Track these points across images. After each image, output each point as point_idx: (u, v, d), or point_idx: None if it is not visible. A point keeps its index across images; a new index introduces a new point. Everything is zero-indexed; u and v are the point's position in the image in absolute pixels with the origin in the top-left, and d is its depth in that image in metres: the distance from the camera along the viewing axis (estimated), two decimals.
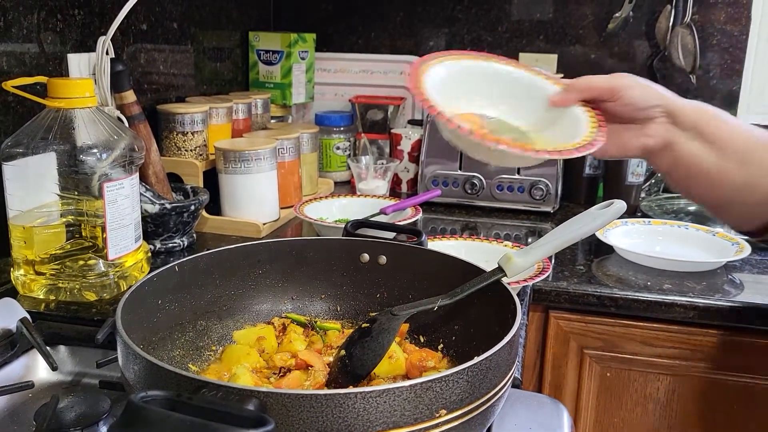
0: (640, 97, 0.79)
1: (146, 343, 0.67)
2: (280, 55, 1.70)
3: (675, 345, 1.14)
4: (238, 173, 1.27)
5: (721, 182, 0.79)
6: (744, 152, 0.79)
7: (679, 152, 0.80)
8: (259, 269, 0.80)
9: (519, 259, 0.70)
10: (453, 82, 0.80)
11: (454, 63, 0.82)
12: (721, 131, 0.79)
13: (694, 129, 0.79)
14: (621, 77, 0.81)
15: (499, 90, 0.84)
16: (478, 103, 0.83)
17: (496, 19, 1.78)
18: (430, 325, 0.77)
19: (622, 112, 0.80)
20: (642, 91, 0.80)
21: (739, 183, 0.79)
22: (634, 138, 0.81)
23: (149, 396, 0.44)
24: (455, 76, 0.81)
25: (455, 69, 0.82)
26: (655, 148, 0.81)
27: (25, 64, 1.04)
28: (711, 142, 0.79)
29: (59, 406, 0.68)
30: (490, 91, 0.84)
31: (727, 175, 0.79)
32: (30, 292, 0.94)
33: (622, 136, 0.80)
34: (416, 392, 0.50)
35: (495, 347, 0.55)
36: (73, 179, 0.91)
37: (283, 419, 0.48)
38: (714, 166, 0.79)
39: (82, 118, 0.92)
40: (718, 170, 0.79)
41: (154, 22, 1.35)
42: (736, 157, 0.79)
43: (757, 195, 0.79)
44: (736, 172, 0.79)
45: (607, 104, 0.81)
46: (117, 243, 0.95)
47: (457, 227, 1.45)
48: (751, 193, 0.79)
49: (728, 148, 0.79)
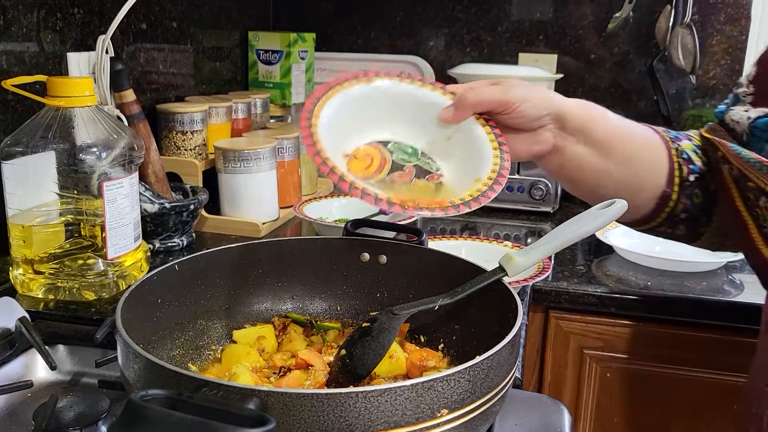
0: (532, 109, 0.78)
1: (146, 343, 0.66)
2: (280, 54, 1.69)
3: (675, 345, 1.14)
4: (237, 173, 1.27)
5: (607, 181, 0.82)
6: (628, 152, 0.82)
7: (566, 155, 0.81)
8: (260, 268, 0.79)
9: (520, 259, 0.70)
10: (348, 113, 0.75)
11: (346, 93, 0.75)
12: (606, 133, 0.81)
13: (580, 132, 0.80)
14: (512, 89, 0.78)
15: (396, 110, 0.78)
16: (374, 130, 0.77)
17: (496, 19, 1.78)
18: (431, 324, 0.76)
19: (515, 124, 0.79)
20: (534, 102, 0.78)
21: (624, 182, 0.82)
22: (525, 146, 0.81)
23: (149, 395, 0.43)
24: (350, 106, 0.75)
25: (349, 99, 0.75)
26: (544, 153, 0.82)
27: (25, 62, 1.04)
28: (596, 144, 0.80)
29: (58, 406, 0.67)
30: (386, 113, 0.78)
31: (612, 175, 0.82)
32: (29, 292, 0.94)
33: (512, 144, 0.79)
34: (418, 392, 0.49)
35: (497, 346, 0.54)
36: (72, 178, 0.91)
37: (284, 418, 0.47)
38: (600, 166, 0.81)
39: (81, 117, 0.91)
40: (604, 170, 0.81)
41: (153, 21, 1.35)
42: (620, 157, 0.81)
43: (641, 192, 0.83)
44: (621, 172, 0.82)
45: (499, 116, 0.79)
46: (116, 242, 0.95)
47: (456, 227, 1.45)
48: (635, 191, 0.82)
49: (613, 149, 0.81)
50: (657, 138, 0.84)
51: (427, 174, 0.74)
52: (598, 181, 0.82)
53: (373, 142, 0.76)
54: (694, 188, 0.83)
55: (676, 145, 0.84)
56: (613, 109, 0.85)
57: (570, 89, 1.76)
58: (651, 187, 0.83)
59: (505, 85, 0.78)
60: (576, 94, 1.76)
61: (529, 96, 0.78)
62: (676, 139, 0.85)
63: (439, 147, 0.77)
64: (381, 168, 0.73)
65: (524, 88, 0.78)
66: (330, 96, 0.74)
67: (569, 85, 1.76)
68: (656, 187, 0.83)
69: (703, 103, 1.70)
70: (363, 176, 0.71)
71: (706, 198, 0.84)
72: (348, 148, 0.74)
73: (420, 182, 0.73)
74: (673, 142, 0.84)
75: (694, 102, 1.71)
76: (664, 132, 0.86)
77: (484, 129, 0.77)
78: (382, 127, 0.77)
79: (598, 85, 1.74)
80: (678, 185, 0.83)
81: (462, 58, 1.80)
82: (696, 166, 0.83)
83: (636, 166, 0.82)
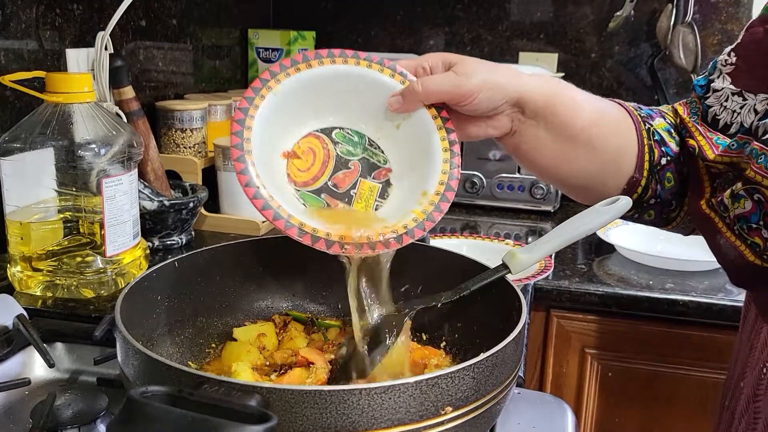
0: (487, 101, 0.71)
1: (145, 340, 0.66)
2: (280, 52, 1.69)
3: (676, 344, 1.13)
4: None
5: (567, 167, 0.75)
6: (594, 139, 0.74)
7: (523, 138, 0.74)
8: (260, 266, 0.79)
9: (523, 256, 0.70)
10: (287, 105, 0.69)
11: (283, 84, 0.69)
12: (570, 118, 0.73)
13: (540, 117, 0.73)
14: (467, 79, 0.70)
15: (341, 95, 0.72)
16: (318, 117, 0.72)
17: (496, 18, 1.78)
18: (433, 322, 0.76)
19: (470, 113, 0.73)
20: (488, 93, 0.71)
21: (588, 170, 0.75)
22: (480, 129, 0.74)
23: (149, 391, 0.43)
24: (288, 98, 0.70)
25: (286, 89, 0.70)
26: (499, 136, 0.75)
27: (24, 59, 1.03)
28: (558, 129, 0.73)
29: (56, 404, 0.67)
30: (329, 99, 0.72)
31: (574, 162, 0.75)
32: (27, 289, 0.93)
33: (466, 129, 0.74)
34: (422, 389, 0.49)
35: (502, 343, 0.54)
36: (71, 175, 0.90)
37: (285, 415, 0.47)
38: (560, 152, 0.74)
39: (80, 114, 0.91)
40: (564, 156, 0.75)
41: (153, 18, 1.34)
42: (585, 144, 0.74)
43: (607, 179, 0.76)
44: (584, 159, 0.75)
45: (453, 106, 0.73)
46: (115, 240, 0.94)
47: (457, 226, 1.44)
48: (600, 180, 0.76)
49: (577, 136, 0.74)
50: (627, 120, 0.77)
51: (374, 170, 0.71)
52: (557, 165, 0.75)
53: (316, 131, 0.71)
54: (666, 171, 0.76)
55: (648, 126, 0.77)
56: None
57: None
58: (617, 175, 0.76)
59: (460, 72, 0.70)
60: None
61: (485, 84, 0.70)
62: (648, 117, 0.78)
63: (388, 134, 0.73)
64: (324, 166, 0.69)
65: (481, 74, 0.70)
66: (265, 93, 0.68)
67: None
68: (623, 175, 0.76)
69: None
70: (304, 182, 0.67)
71: (678, 182, 0.77)
72: (288, 144, 0.69)
73: (366, 185, 0.69)
74: (645, 122, 0.77)
75: None
76: (635, 109, 0.78)
77: (435, 123, 0.72)
78: (326, 113, 0.72)
79: (599, 84, 1.74)
80: (647, 170, 0.75)
81: None
82: (668, 148, 0.76)
83: (602, 154, 0.75)
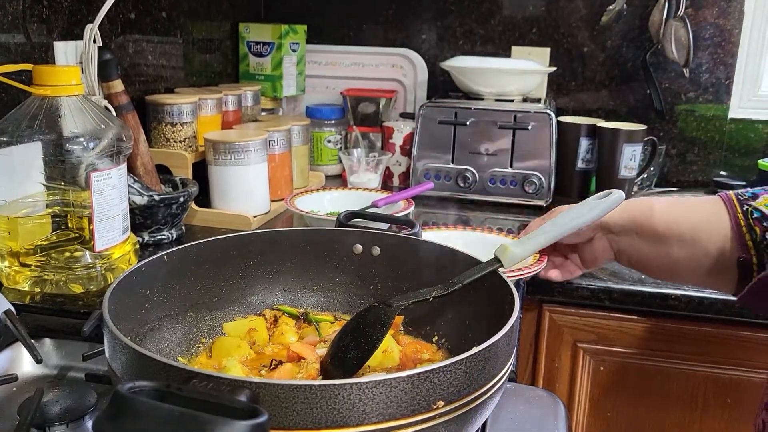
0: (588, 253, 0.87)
1: (134, 335, 0.65)
2: (271, 46, 1.68)
3: (668, 338, 1.13)
4: (228, 165, 1.25)
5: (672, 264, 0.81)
6: (686, 233, 0.79)
7: (628, 252, 0.84)
8: (251, 260, 0.78)
9: (516, 249, 0.69)
10: None
11: None
12: (654, 223, 0.80)
13: (628, 231, 0.82)
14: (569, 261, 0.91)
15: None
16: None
17: (488, 12, 1.77)
18: (425, 316, 0.75)
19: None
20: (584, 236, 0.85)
21: (684, 258, 0.80)
22: (590, 257, 0.88)
23: (137, 386, 0.42)
24: None
25: None
26: (612, 259, 0.87)
27: (11, 52, 1.02)
28: (649, 236, 0.81)
29: (44, 400, 0.66)
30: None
31: (674, 256, 0.80)
32: (15, 284, 0.92)
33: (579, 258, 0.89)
34: (413, 383, 0.48)
35: (494, 337, 0.53)
36: (59, 169, 0.89)
37: (275, 411, 0.46)
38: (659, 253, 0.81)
39: (68, 107, 0.89)
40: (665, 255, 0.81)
41: (142, 11, 1.33)
42: (678, 241, 0.79)
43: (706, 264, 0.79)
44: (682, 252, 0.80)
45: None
46: (104, 234, 0.93)
47: (449, 221, 1.44)
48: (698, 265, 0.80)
49: (666, 236, 0.80)
50: (719, 209, 0.79)
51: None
52: (661, 265, 0.82)
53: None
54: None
55: (745, 207, 0.77)
56: (606, 102, 0.83)
57: (563, 83, 1.75)
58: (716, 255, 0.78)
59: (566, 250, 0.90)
60: (569, 88, 1.75)
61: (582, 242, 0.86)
62: (752, 198, 0.78)
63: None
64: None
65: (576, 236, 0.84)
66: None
67: (562, 79, 1.75)
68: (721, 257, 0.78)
69: (696, 97, 1.70)
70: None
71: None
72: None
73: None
74: (743, 205, 0.77)
75: (687, 96, 1.70)
76: (735, 195, 0.79)
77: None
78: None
79: (592, 78, 1.73)
80: (753, 248, 0.76)
81: (454, 51, 1.79)
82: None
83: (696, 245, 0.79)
